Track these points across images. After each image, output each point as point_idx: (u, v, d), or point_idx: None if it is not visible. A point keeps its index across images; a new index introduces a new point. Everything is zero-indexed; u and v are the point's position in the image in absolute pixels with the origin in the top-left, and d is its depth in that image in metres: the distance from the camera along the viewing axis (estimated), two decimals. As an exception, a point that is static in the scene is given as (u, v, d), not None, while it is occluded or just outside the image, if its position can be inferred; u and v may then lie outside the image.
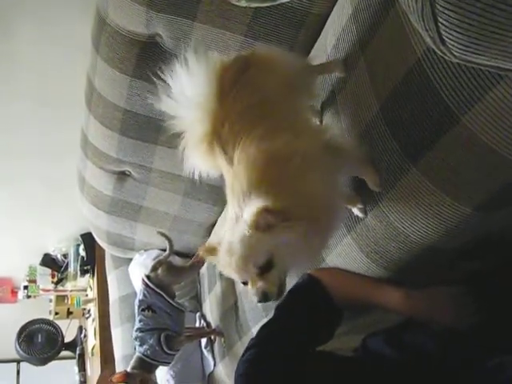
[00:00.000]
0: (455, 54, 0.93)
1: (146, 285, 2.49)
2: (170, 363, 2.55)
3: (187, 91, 1.29)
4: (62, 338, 4.22)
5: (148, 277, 2.52)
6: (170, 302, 2.51)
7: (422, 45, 1.15)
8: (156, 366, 2.46)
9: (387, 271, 1.51)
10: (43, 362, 4.12)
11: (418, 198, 1.28)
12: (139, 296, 2.52)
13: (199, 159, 1.33)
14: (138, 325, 2.48)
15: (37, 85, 3.05)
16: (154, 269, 2.54)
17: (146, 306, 2.48)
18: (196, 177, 1.39)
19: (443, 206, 1.24)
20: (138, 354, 2.43)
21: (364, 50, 1.40)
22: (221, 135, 1.24)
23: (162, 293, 2.48)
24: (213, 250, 1.22)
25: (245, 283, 1.19)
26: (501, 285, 1.49)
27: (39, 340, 4.12)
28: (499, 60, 0.92)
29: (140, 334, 2.44)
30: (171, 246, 2.64)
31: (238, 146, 1.20)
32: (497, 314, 1.45)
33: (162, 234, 2.68)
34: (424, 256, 1.41)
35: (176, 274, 2.61)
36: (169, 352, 2.43)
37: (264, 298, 1.15)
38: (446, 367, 1.42)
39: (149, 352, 2.40)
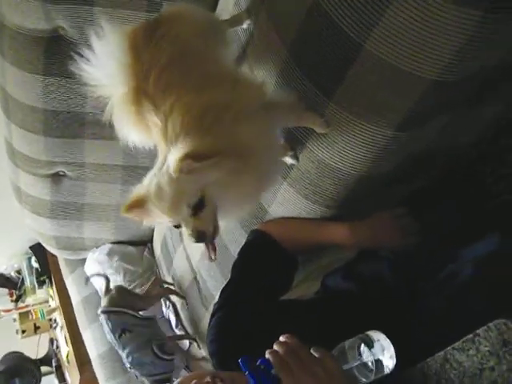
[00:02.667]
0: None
1: (107, 312, 2.43)
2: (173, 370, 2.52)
3: (102, 57, 1.26)
4: (39, 369, 4.12)
5: (104, 307, 2.46)
6: (137, 315, 2.49)
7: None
8: None
9: (329, 209, 1.55)
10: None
11: (341, 131, 1.32)
12: (106, 329, 2.45)
13: (129, 121, 1.29)
14: (125, 351, 2.43)
15: None
16: (106, 294, 2.51)
17: (120, 331, 2.42)
18: (130, 145, 1.35)
19: (366, 134, 1.29)
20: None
21: (263, 0, 1.42)
22: (147, 90, 1.22)
23: (124, 310, 2.45)
24: (141, 202, 1.18)
25: (177, 226, 1.18)
26: (436, 199, 1.56)
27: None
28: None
29: (134, 358, 2.41)
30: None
31: (170, 98, 1.19)
32: (438, 227, 1.52)
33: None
34: (360, 186, 1.45)
35: (132, 298, 2.57)
36: (168, 358, 2.43)
37: (201, 236, 1.15)
38: (402, 288, 1.49)
39: (154, 371, 2.39)
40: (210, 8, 1.85)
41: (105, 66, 1.27)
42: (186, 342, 2.74)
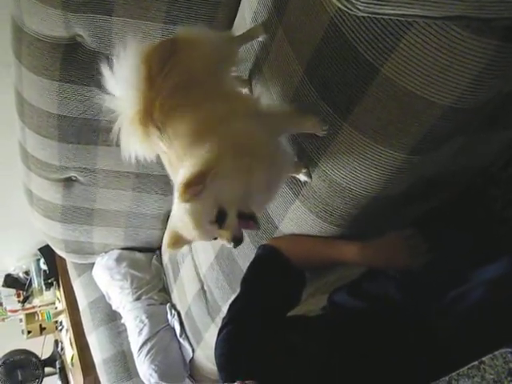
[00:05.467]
0: (359, 7, 0.97)
1: None
2: None
3: (119, 77, 1.31)
4: (43, 366, 4.16)
5: None
6: None
7: (334, 5, 1.18)
8: None
9: (340, 228, 1.55)
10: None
11: (354, 152, 1.33)
12: None
13: (134, 140, 1.34)
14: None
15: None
16: None
17: None
18: (134, 160, 1.39)
19: (379, 156, 1.29)
20: None
21: (281, 19, 1.43)
22: (153, 115, 1.26)
23: None
24: (176, 238, 1.27)
25: (216, 238, 1.23)
26: (446, 220, 1.57)
27: (19, 378, 4.04)
28: (403, 7, 0.96)
29: None
30: None
31: (171, 123, 1.23)
32: (447, 249, 1.52)
33: None
34: (371, 207, 1.46)
35: None
36: None
37: (237, 242, 1.20)
38: (409, 308, 1.49)
39: None
40: (226, 26, 1.88)
41: (120, 86, 1.32)
42: (190, 352, 2.75)
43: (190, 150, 1.18)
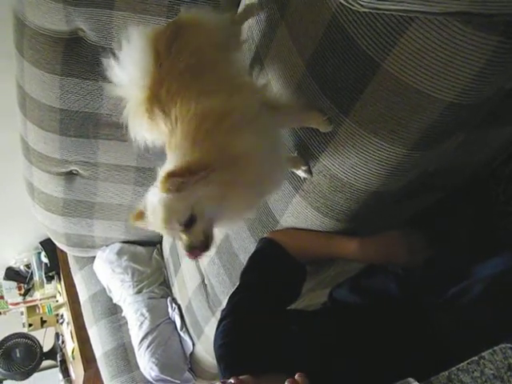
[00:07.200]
0: (362, 3, 0.97)
1: None
2: None
3: (127, 60, 1.32)
4: (41, 348, 4.16)
5: None
6: None
7: (336, 0, 1.18)
8: None
9: (340, 223, 1.56)
10: (26, 375, 4.08)
11: (355, 147, 1.33)
12: None
13: (142, 126, 1.33)
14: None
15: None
16: None
17: None
18: (142, 147, 1.39)
19: (380, 151, 1.29)
20: None
21: (283, 14, 1.43)
22: (160, 98, 1.25)
23: None
24: (140, 215, 1.25)
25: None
26: (447, 216, 1.57)
27: (17, 355, 4.06)
28: (405, 3, 0.96)
29: None
30: None
31: (176, 106, 1.22)
32: (448, 244, 1.53)
33: None
34: (371, 202, 1.46)
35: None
36: None
37: (193, 250, 1.21)
38: (409, 304, 1.49)
39: None
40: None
41: (128, 69, 1.32)
42: (190, 345, 2.76)
43: (189, 141, 1.17)
